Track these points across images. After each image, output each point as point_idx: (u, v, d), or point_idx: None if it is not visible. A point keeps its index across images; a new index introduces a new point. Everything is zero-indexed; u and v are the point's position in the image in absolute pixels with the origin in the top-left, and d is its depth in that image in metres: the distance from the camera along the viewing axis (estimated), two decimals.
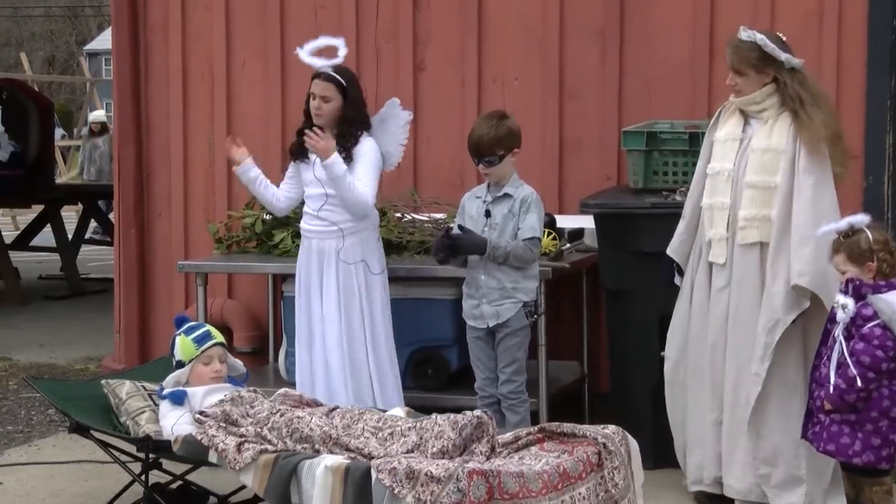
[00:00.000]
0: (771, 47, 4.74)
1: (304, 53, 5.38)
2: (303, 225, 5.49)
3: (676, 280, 5.06)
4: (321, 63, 5.35)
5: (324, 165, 5.22)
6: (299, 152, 5.44)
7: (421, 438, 4.27)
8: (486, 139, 5.12)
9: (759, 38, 4.75)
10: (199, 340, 4.92)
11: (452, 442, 4.17)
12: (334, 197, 5.31)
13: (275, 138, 6.96)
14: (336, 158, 5.22)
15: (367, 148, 5.35)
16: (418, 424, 4.35)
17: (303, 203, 5.59)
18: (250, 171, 5.51)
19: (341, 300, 5.36)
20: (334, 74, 5.33)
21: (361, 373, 5.37)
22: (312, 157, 5.37)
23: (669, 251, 5.02)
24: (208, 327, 5.06)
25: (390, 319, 5.49)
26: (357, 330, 5.37)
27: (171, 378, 4.89)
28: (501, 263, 5.09)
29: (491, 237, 5.10)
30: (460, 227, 5.16)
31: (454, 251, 5.11)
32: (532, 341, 5.36)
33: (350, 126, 5.34)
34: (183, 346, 4.92)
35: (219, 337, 4.99)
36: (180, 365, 4.91)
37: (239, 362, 5.13)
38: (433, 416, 4.44)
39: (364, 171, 5.31)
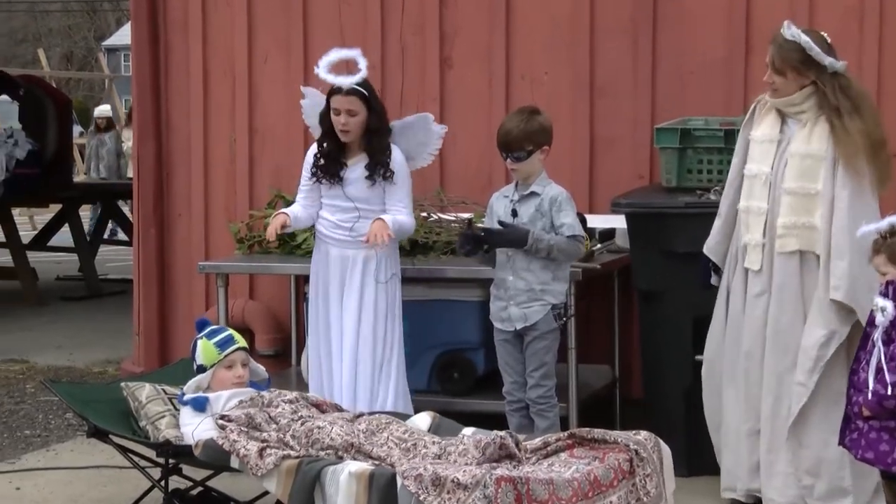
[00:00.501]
0: (815, 51, 4.70)
1: (322, 70, 5.37)
2: (324, 231, 5.47)
3: (713, 280, 5.04)
4: (343, 80, 5.33)
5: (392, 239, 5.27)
6: (326, 173, 5.40)
7: (444, 451, 4.29)
8: (515, 133, 5.13)
9: (804, 40, 4.71)
10: (222, 345, 4.94)
11: (476, 460, 4.18)
12: (367, 211, 5.34)
13: (297, 136, 6.97)
14: (390, 220, 5.27)
15: (400, 165, 5.37)
16: (443, 441, 4.36)
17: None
18: (298, 223, 5.49)
19: (362, 308, 5.37)
20: (357, 87, 5.32)
21: (375, 379, 5.38)
22: (344, 174, 5.35)
23: (706, 250, 5.00)
24: (231, 331, 5.07)
25: (401, 322, 5.51)
26: (375, 334, 5.39)
27: (192, 383, 4.91)
28: (544, 257, 5.07)
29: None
30: (501, 223, 5.15)
31: (490, 244, 5.09)
32: (562, 344, 5.36)
33: (379, 138, 5.35)
34: (205, 350, 4.94)
35: (241, 341, 5.01)
36: (202, 369, 4.93)
37: (261, 367, 5.15)
38: (459, 435, 4.46)
39: (405, 194, 5.38)
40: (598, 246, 6.07)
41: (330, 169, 5.38)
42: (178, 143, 7.37)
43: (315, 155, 5.46)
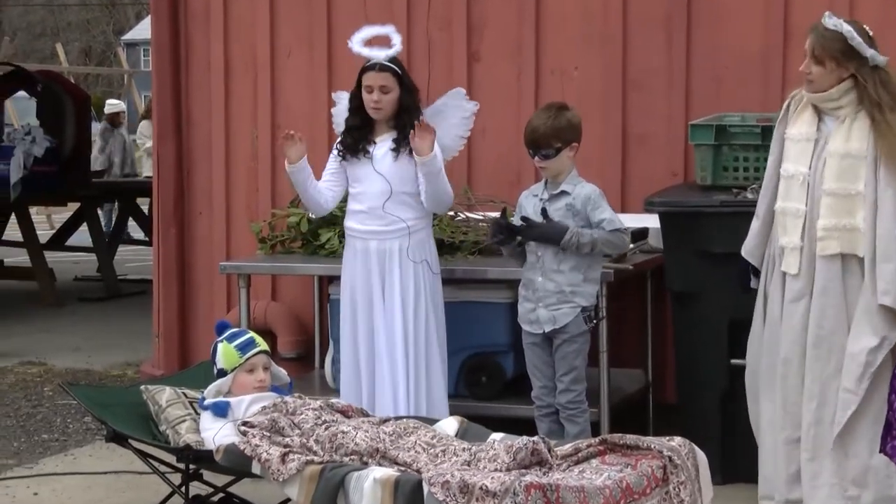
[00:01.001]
0: (857, 41, 4.66)
1: (356, 44, 5.39)
2: (354, 225, 5.46)
3: (753, 283, 5.02)
4: (377, 53, 5.35)
5: (425, 163, 5.22)
6: (353, 148, 5.42)
7: (474, 457, 4.28)
8: (542, 130, 5.13)
9: (846, 29, 4.68)
10: (243, 348, 4.96)
11: (506, 466, 4.17)
12: (400, 193, 5.33)
13: (321, 132, 6.99)
14: (438, 151, 5.24)
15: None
16: (473, 447, 4.36)
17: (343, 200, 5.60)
18: (305, 170, 5.45)
19: (406, 304, 5.37)
20: (389, 63, 5.34)
21: (419, 380, 5.39)
22: (373, 150, 5.37)
23: (744, 252, 4.98)
24: (252, 334, 5.09)
25: (444, 323, 5.51)
26: (419, 335, 5.40)
27: (212, 387, 4.93)
28: (588, 253, 5.06)
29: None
30: (524, 218, 5.13)
31: (524, 237, 5.08)
32: (593, 348, 5.35)
33: (409, 116, 5.36)
34: (225, 353, 4.96)
35: (263, 344, 5.02)
36: (222, 373, 4.95)
37: (282, 371, 5.16)
38: (489, 440, 4.46)
39: (442, 164, 5.35)
40: (631, 246, 6.05)
41: (357, 145, 5.38)
42: (199, 139, 7.40)
43: (342, 133, 5.46)
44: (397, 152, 5.34)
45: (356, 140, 5.40)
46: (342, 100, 5.64)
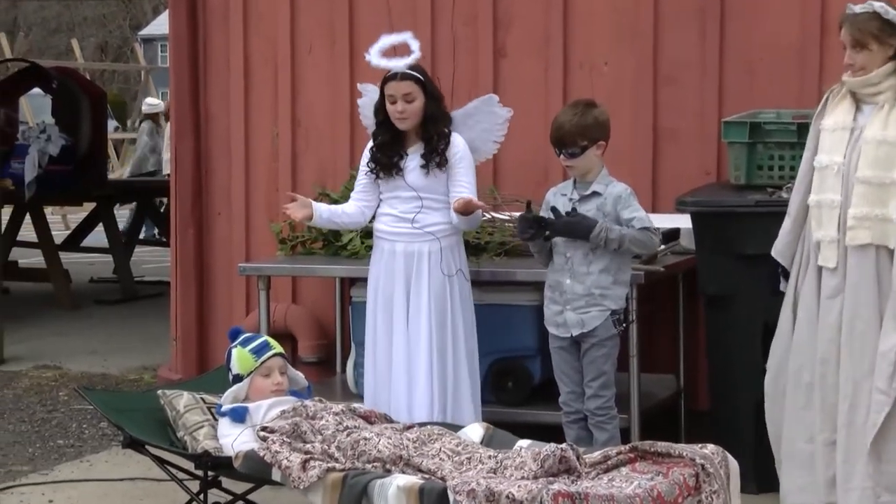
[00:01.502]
0: (893, 14, 4.65)
1: (374, 56, 5.40)
2: (383, 227, 5.46)
3: (782, 286, 5.00)
4: (397, 63, 5.36)
5: (468, 220, 5.32)
6: (383, 165, 5.40)
7: (500, 465, 4.28)
8: (568, 127, 5.12)
9: (878, 5, 4.66)
10: (257, 351, 4.97)
11: (533, 473, 4.17)
12: (430, 200, 5.36)
13: (343, 129, 7.01)
14: (478, 214, 5.36)
15: (462, 149, 5.40)
16: (499, 455, 4.36)
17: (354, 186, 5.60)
18: (323, 214, 5.50)
19: (433, 308, 5.37)
20: (411, 71, 5.35)
21: (446, 385, 5.40)
22: (404, 164, 5.37)
23: (774, 253, 4.96)
24: (266, 337, 5.11)
25: (475, 328, 5.52)
26: (447, 339, 5.40)
27: (228, 394, 4.94)
28: (615, 250, 5.06)
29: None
30: (553, 209, 5.14)
31: (553, 231, 5.08)
32: (623, 352, 5.34)
33: (436, 125, 5.37)
34: (240, 358, 4.98)
35: (278, 347, 5.04)
36: (238, 379, 4.96)
37: (300, 374, 5.17)
38: (516, 447, 4.46)
39: (469, 179, 5.38)
40: (662, 247, 6.04)
41: (387, 160, 5.40)
42: (218, 137, 7.42)
43: (371, 148, 5.47)
44: (427, 168, 5.36)
45: (387, 157, 5.40)
46: (368, 92, 5.66)
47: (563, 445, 4.26)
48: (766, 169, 5.69)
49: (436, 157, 5.34)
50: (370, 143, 5.52)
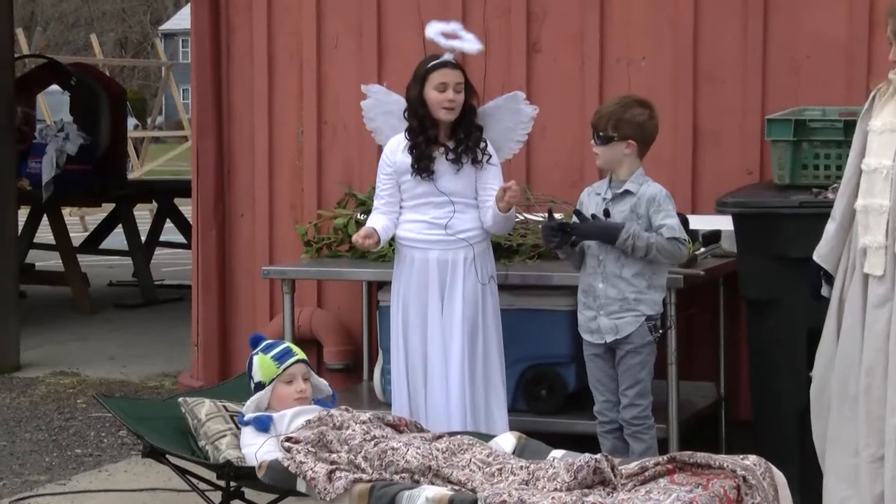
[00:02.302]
0: None
1: (439, 36, 5.39)
2: (411, 235, 5.45)
3: (824, 291, 4.98)
4: (472, 45, 5.39)
5: (506, 218, 5.36)
6: (418, 169, 5.38)
7: (532, 476, 4.29)
8: (604, 112, 5.17)
9: None
10: (279, 358, 5.00)
11: (566, 485, 4.18)
12: (462, 204, 5.37)
13: None
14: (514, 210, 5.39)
15: (491, 150, 5.44)
16: (532, 465, 4.37)
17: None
18: (383, 235, 5.49)
19: (466, 315, 5.39)
20: (457, 62, 5.38)
21: (477, 393, 5.41)
22: (435, 167, 5.38)
23: (816, 257, 4.94)
24: (288, 344, 5.14)
25: (501, 332, 5.53)
26: (478, 347, 5.42)
27: (250, 402, 4.97)
28: (641, 257, 5.07)
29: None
30: (593, 215, 5.15)
31: (578, 236, 5.09)
32: (661, 359, 5.34)
33: (471, 120, 5.40)
34: (262, 365, 5.00)
35: (300, 354, 5.07)
36: (259, 387, 4.99)
37: (324, 382, 5.19)
38: (549, 457, 4.46)
39: (501, 182, 5.40)
40: (702, 250, 6.04)
41: (420, 165, 5.38)
42: (241, 136, 7.45)
43: (410, 149, 5.41)
44: (458, 164, 5.37)
45: (419, 159, 5.38)
46: (374, 93, 5.66)
47: (598, 456, 4.27)
48: (811, 168, 5.67)
49: (471, 154, 5.35)
50: (390, 145, 5.51)
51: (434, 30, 5.43)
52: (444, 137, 5.41)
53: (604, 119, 5.15)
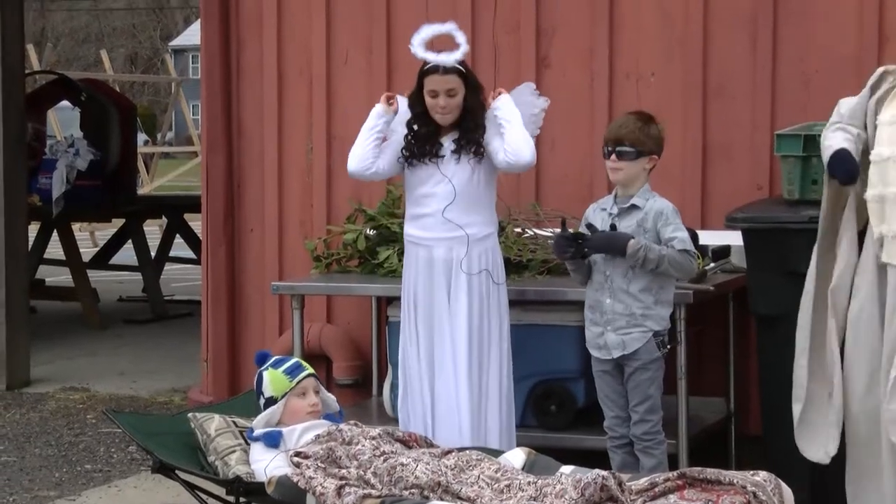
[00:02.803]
0: None
1: (419, 48, 5.43)
2: (417, 232, 5.49)
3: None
4: (445, 58, 5.40)
5: (501, 103, 5.36)
6: (420, 154, 5.44)
7: (540, 492, 4.29)
8: (631, 127, 5.16)
9: None
10: (291, 372, 5.00)
11: (574, 502, 4.17)
12: (464, 195, 5.38)
13: None
14: (507, 97, 5.40)
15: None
16: (539, 481, 4.37)
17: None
18: (388, 122, 5.51)
19: (473, 318, 5.40)
20: (455, 65, 5.39)
21: (485, 404, 5.41)
22: (441, 153, 5.40)
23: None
24: (297, 359, 5.14)
25: (510, 341, 5.53)
26: (485, 353, 5.42)
27: (261, 418, 4.96)
28: (652, 269, 5.06)
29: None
30: (589, 226, 5.15)
31: (589, 247, 5.08)
32: (670, 374, 5.33)
33: (475, 117, 5.41)
34: (274, 380, 5.00)
35: (310, 368, 5.09)
36: (271, 402, 4.98)
37: (332, 397, 5.20)
38: (557, 474, 4.46)
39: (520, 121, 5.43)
40: (712, 265, 6.03)
41: (423, 150, 5.43)
42: (251, 151, 7.46)
43: (406, 137, 5.48)
44: (459, 154, 5.39)
45: (422, 145, 5.45)
46: (400, 103, 5.68)
47: (605, 473, 4.26)
48: (820, 184, 5.65)
49: (471, 146, 5.37)
50: (404, 110, 5.56)
51: (419, 38, 5.44)
52: (450, 130, 5.44)
53: (631, 132, 5.15)
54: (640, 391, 5.15)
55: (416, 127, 5.47)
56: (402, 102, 5.62)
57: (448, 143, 5.44)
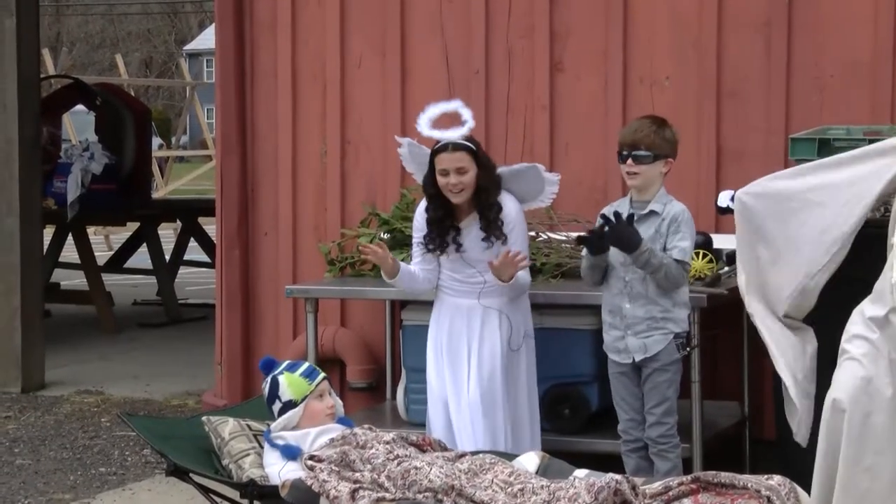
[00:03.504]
0: None
1: (425, 127, 5.42)
2: (447, 284, 5.50)
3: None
4: (451, 134, 5.37)
5: (511, 287, 5.32)
6: (439, 246, 5.43)
7: (553, 496, 4.28)
8: (647, 131, 5.16)
9: None
10: (309, 375, 5.00)
11: None
12: (492, 284, 5.38)
13: (393, 146, 6.97)
14: (521, 274, 5.34)
15: (515, 216, 5.43)
16: (552, 485, 4.36)
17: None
18: (406, 275, 5.47)
19: (486, 374, 5.41)
20: (463, 142, 5.37)
21: (498, 413, 5.41)
22: (460, 240, 5.40)
23: None
24: (307, 362, 5.16)
25: (534, 355, 5.53)
26: (500, 365, 5.42)
27: (280, 421, 4.95)
28: (649, 274, 5.06)
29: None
30: (616, 214, 5.13)
31: (609, 232, 5.07)
32: (684, 378, 5.33)
33: (489, 195, 5.40)
34: (292, 383, 4.99)
35: (322, 371, 5.10)
36: (289, 405, 4.97)
37: (339, 401, 5.20)
38: (570, 478, 4.46)
39: (522, 246, 5.41)
40: (726, 269, 6.02)
41: (442, 240, 5.43)
42: (265, 155, 7.47)
43: (426, 226, 5.47)
44: (489, 241, 5.38)
45: (442, 234, 5.43)
46: (406, 145, 5.69)
47: (618, 477, 4.25)
48: None
49: (495, 229, 5.37)
50: (421, 207, 5.53)
51: (425, 119, 5.44)
52: (468, 209, 5.42)
53: (647, 136, 5.15)
54: (658, 393, 5.14)
55: (431, 213, 5.44)
56: (413, 145, 5.62)
57: (471, 229, 5.40)
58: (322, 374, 5.03)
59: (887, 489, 4.45)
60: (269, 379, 5.05)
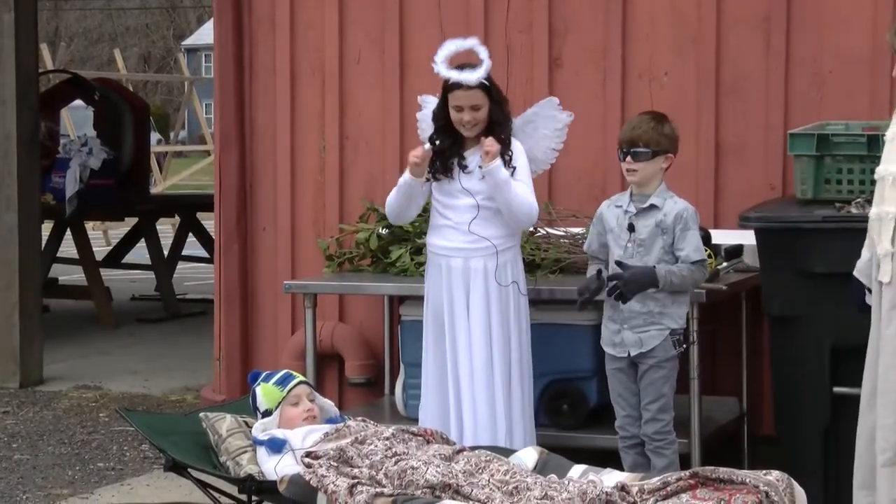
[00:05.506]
0: None
1: (442, 67, 5.42)
2: (438, 241, 5.50)
3: (868, 300, 4.93)
4: (469, 76, 5.38)
5: (488, 171, 5.30)
6: (444, 169, 5.45)
7: (545, 496, 4.29)
8: (645, 128, 5.18)
9: None
10: (282, 382, 5.05)
11: None
12: (487, 209, 5.38)
13: (393, 141, 7.04)
14: (499, 162, 5.31)
15: (517, 151, 5.44)
16: (545, 482, 4.37)
17: (422, 214, 5.63)
18: (421, 185, 5.48)
19: (492, 325, 5.41)
20: (479, 79, 5.39)
21: (497, 407, 5.41)
22: (465, 166, 5.41)
23: (856, 272, 4.91)
24: (287, 370, 5.18)
25: (530, 347, 5.54)
26: (503, 358, 5.42)
27: (258, 426, 4.98)
28: (680, 286, 5.12)
29: (647, 260, 5.10)
30: (618, 263, 5.15)
31: (625, 287, 5.09)
32: (683, 374, 5.33)
33: (501, 128, 5.43)
34: (266, 393, 5.05)
35: (301, 377, 5.12)
36: (266, 415, 5.01)
37: (330, 402, 5.22)
38: (566, 479, 4.47)
39: (523, 175, 5.41)
40: (725, 265, 6.03)
41: (447, 165, 5.44)
42: (263, 150, 7.47)
43: (434, 154, 5.47)
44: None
45: (446, 160, 5.45)
46: (428, 104, 5.69)
47: (610, 489, 4.26)
48: (834, 183, 5.66)
49: (505, 158, 5.37)
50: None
51: (441, 55, 5.44)
52: (474, 142, 5.44)
53: (646, 133, 5.17)
54: (654, 389, 5.15)
55: (437, 142, 5.46)
56: (434, 102, 5.61)
57: (473, 160, 5.42)
58: (297, 380, 5.07)
59: None
60: (251, 392, 5.09)
